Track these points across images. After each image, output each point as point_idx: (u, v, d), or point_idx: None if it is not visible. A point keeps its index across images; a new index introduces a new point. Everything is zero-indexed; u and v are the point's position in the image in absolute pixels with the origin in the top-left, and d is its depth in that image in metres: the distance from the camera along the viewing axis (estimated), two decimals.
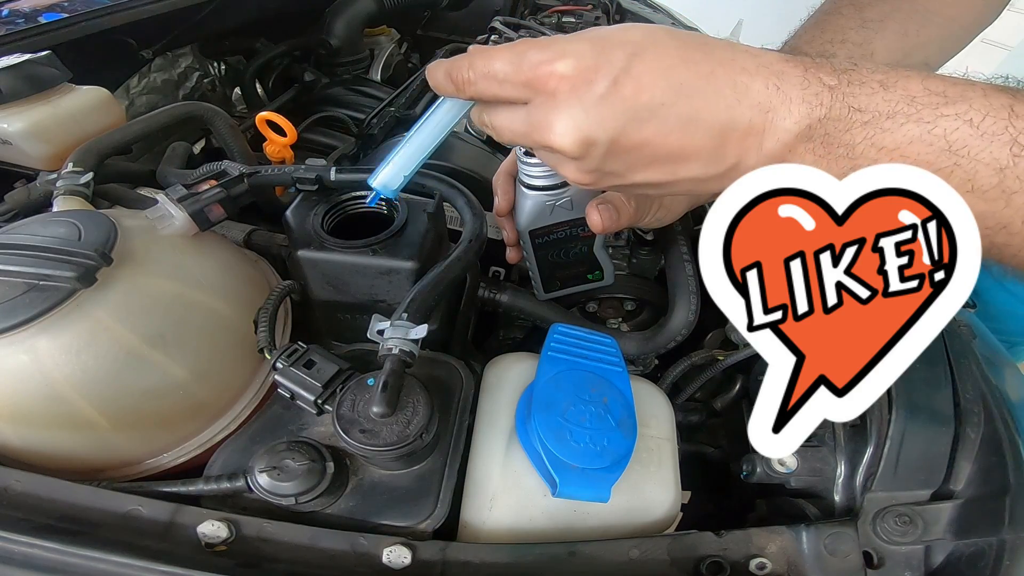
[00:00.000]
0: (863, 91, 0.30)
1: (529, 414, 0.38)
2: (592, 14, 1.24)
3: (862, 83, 0.30)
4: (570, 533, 0.38)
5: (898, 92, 0.29)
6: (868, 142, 0.30)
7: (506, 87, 0.34)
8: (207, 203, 0.45)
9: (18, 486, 0.34)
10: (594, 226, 0.43)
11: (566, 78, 0.31)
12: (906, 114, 0.29)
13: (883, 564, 0.36)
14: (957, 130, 0.28)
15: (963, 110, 0.28)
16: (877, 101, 0.30)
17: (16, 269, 0.36)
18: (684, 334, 0.53)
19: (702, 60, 0.31)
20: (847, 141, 0.30)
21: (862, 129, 0.30)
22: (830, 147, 0.31)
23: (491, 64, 0.33)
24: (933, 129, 0.29)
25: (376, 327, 0.37)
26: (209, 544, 0.33)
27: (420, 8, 1.24)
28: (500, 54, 0.33)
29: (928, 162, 0.29)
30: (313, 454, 0.36)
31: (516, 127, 0.35)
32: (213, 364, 0.42)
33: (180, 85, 0.94)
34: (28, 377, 0.35)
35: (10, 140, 0.57)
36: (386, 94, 0.92)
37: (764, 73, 0.31)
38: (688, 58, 0.31)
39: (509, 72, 0.33)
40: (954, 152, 0.29)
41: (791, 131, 0.31)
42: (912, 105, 0.29)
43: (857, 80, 0.30)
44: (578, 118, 0.31)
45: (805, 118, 0.30)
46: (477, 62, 0.34)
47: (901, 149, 0.29)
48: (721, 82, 0.31)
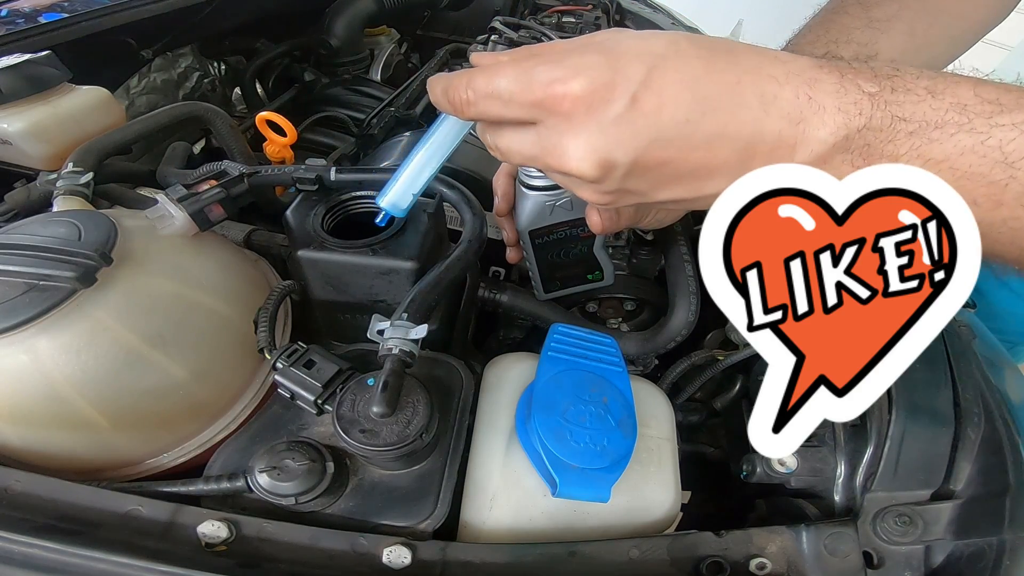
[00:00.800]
0: (908, 99, 0.28)
1: (529, 414, 0.38)
2: (592, 14, 1.24)
3: (907, 90, 0.28)
4: (570, 533, 0.38)
5: (947, 100, 0.27)
6: (914, 153, 0.28)
7: (512, 108, 0.31)
8: (207, 203, 0.45)
9: (18, 486, 0.34)
10: (594, 227, 0.42)
11: (580, 98, 0.29)
12: (957, 123, 0.27)
13: (883, 564, 0.36)
14: (1014, 140, 0.26)
15: (1020, 119, 0.27)
16: (924, 109, 0.28)
17: (16, 269, 0.36)
18: (684, 334, 0.53)
19: (727, 69, 0.29)
20: (890, 153, 0.28)
21: (907, 140, 0.28)
22: (870, 159, 0.29)
23: (494, 83, 0.31)
24: (987, 140, 0.27)
25: (376, 327, 0.37)
26: (209, 544, 0.33)
27: (420, 8, 1.24)
28: (504, 71, 0.31)
29: (981, 174, 0.27)
30: (313, 454, 0.36)
31: (526, 150, 0.33)
32: (213, 364, 0.42)
33: (180, 85, 0.94)
34: (28, 377, 0.35)
35: (10, 140, 0.57)
36: (386, 94, 0.92)
37: (795, 81, 0.29)
38: (712, 68, 0.29)
39: (516, 92, 0.30)
40: (1010, 164, 0.27)
41: (826, 142, 0.29)
42: (963, 114, 0.27)
43: (901, 87, 0.28)
44: (595, 141, 0.29)
45: (842, 128, 0.28)
46: (477, 81, 0.32)
47: (951, 161, 0.27)
48: (748, 93, 0.29)
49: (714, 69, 0.29)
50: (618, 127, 0.29)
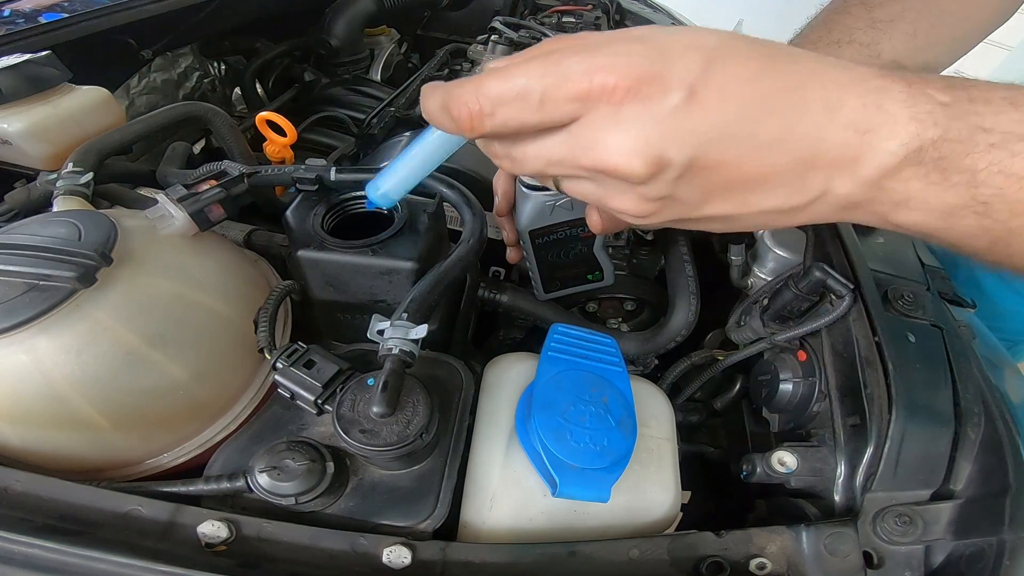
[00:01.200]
0: (988, 109, 0.26)
1: (529, 414, 0.38)
2: (592, 14, 1.24)
3: (986, 100, 0.26)
4: (570, 533, 0.38)
5: None
6: (994, 168, 0.26)
7: (547, 108, 0.27)
8: (207, 203, 0.45)
9: (18, 486, 0.34)
10: (593, 227, 0.41)
11: (632, 88, 0.26)
12: None
13: (883, 564, 0.35)
14: None
15: None
16: (1005, 121, 0.26)
17: (16, 269, 0.36)
18: (684, 335, 0.53)
19: (789, 70, 0.27)
20: (968, 167, 0.26)
21: (987, 153, 0.26)
22: (945, 173, 0.27)
23: (516, 83, 0.27)
24: None
25: (376, 327, 0.37)
26: (209, 544, 0.33)
27: (420, 8, 1.24)
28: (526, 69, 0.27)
29: None
30: (313, 454, 0.36)
31: (553, 154, 0.29)
32: (213, 364, 0.42)
33: (180, 85, 0.94)
34: (28, 377, 0.35)
35: (10, 140, 0.57)
36: (386, 94, 0.92)
37: (859, 88, 0.27)
38: (773, 68, 0.27)
39: (549, 87, 0.26)
40: None
41: (895, 154, 0.26)
42: None
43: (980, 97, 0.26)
44: (649, 134, 0.26)
45: (915, 139, 0.26)
46: (491, 86, 0.27)
47: None
48: (812, 96, 0.26)
49: (775, 69, 0.27)
50: (675, 120, 0.26)
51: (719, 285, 0.59)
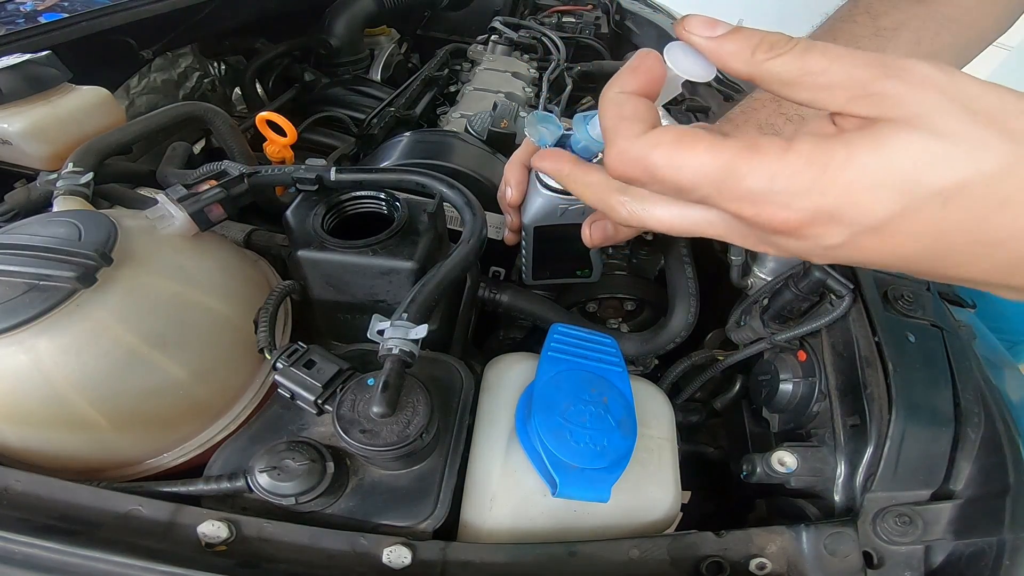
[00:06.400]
0: None
1: (529, 414, 0.38)
2: (592, 14, 1.24)
3: None
4: (570, 533, 0.38)
5: None
6: None
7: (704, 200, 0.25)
8: (207, 203, 0.45)
9: (18, 486, 0.34)
10: (586, 241, 0.43)
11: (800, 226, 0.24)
12: None
13: (883, 564, 0.36)
14: None
15: None
16: None
17: (16, 269, 0.36)
18: (683, 335, 0.53)
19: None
20: None
21: None
22: None
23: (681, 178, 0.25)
24: None
25: (376, 327, 0.37)
26: (209, 544, 0.33)
27: (420, 8, 1.24)
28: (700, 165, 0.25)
29: None
30: (313, 454, 0.36)
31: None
32: (213, 364, 0.42)
33: (180, 85, 0.94)
34: (28, 377, 0.35)
35: (10, 140, 0.57)
36: (386, 94, 0.92)
37: None
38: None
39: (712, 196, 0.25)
40: None
41: None
42: None
43: None
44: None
45: None
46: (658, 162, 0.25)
47: None
48: None
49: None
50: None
51: (719, 285, 0.59)
